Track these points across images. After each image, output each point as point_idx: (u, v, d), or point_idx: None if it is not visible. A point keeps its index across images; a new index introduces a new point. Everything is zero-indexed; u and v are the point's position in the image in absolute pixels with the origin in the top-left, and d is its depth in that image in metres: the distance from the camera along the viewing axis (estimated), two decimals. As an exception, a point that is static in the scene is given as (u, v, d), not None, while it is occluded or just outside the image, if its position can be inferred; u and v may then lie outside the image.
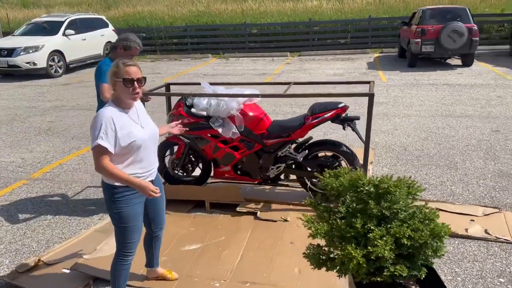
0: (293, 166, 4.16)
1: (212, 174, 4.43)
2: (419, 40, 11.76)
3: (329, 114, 3.81)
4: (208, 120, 4.02)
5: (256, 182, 4.27)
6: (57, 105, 9.46)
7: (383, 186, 2.02)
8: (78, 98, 10.19)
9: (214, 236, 3.80)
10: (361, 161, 3.89)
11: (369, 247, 1.93)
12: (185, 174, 4.45)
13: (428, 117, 7.33)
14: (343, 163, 4.04)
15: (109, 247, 3.65)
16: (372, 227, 2.00)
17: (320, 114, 3.82)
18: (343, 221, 2.07)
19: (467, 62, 12.07)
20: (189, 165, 4.42)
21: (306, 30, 16.88)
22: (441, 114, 7.52)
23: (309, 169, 4.06)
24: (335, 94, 3.74)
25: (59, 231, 4.08)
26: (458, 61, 12.70)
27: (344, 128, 3.82)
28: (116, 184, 2.58)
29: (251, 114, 3.97)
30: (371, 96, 3.61)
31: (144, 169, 2.66)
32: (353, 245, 2.00)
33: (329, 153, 4.07)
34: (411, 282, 2.23)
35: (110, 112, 2.51)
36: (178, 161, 4.37)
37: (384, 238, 1.94)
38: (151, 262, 3.16)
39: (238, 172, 4.24)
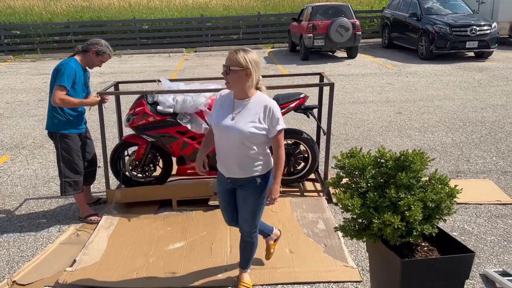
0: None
1: (174, 172, 4.39)
2: (311, 35, 12.71)
3: (294, 104, 4.07)
4: (175, 117, 3.98)
5: (223, 175, 4.35)
6: None
7: (408, 159, 2.35)
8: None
9: (195, 232, 3.82)
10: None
11: (406, 212, 2.25)
12: (146, 174, 4.33)
13: (338, 105, 8.07)
14: (302, 148, 4.35)
15: (88, 257, 3.45)
16: (402, 195, 2.31)
17: (285, 104, 4.06)
18: (375, 193, 2.35)
19: (352, 54, 13.39)
20: (151, 165, 4.31)
21: (199, 26, 16.95)
22: (348, 101, 8.34)
23: (273, 157, 4.29)
24: (300, 85, 4.02)
25: (16, 249, 3.69)
26: (343, 54, 14.02)
27: (308, 117, 4.13)
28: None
29: (218, 108, 4.04)
30: (332, 85, 3.97)
31: (218, 159, 2.74)
32: (389, 212, 2.29)
33: (290, 141, 4.35)
34: (419, 241, 2.62)
35: (224, 93, 2.72)
36: (139, 162, 4.24)
37: (415, 203, 2.27)
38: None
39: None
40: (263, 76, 5.17)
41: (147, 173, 4.33)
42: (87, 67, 3.87)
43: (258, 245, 3.00)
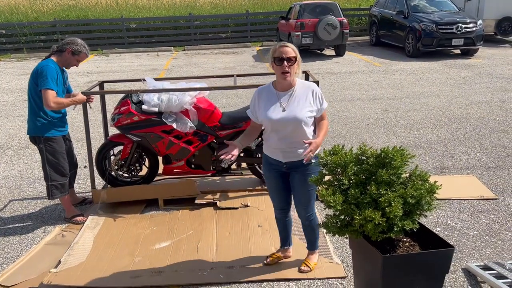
0: (244, 155, 4.35)
1: (160, 171, 4.39)
2: (299, 33, 12.74)
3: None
4: (160, 116, 3.98)
5: (209, 174, 4.36)
6: None
7: (388, 156, 2.38)
8: None
9: (181, 231, 3.82)
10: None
11: (386, 208, 2.27)
12: (132, 174, 4.32)
13: (326, 103, 8.10)
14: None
15: (73, 258, 3.44)
16: (382, 192, 2.34)
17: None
18: (356, 190, 2.38)
19: (340, 52, 13.44)
20: (137, 165, 4.30)
21: (187, 24, 16.89)
22: (335, 99, 8.38)
23: (259, 155, 4.30)
24: (284, 84, 4.02)
25: (0, 250, 3.66)
26: (331, 52, 14.07)
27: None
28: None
29: (203, 107, 4.04)
30: (316, 83, 3.98)
31: (270, 148, 2.89)
32: (370, 209, 2.32)
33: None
34: (401, 236, 2.65)
35: (262, 88, 2.90)
36: (125, 161, 4.22)
37: (396, 199, 2.30)
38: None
39: (192, 166, 4.28)
40: (251, 75, 5.22)
41: (133, 173, 4.32)
42: (64, 67, 3.84)
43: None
